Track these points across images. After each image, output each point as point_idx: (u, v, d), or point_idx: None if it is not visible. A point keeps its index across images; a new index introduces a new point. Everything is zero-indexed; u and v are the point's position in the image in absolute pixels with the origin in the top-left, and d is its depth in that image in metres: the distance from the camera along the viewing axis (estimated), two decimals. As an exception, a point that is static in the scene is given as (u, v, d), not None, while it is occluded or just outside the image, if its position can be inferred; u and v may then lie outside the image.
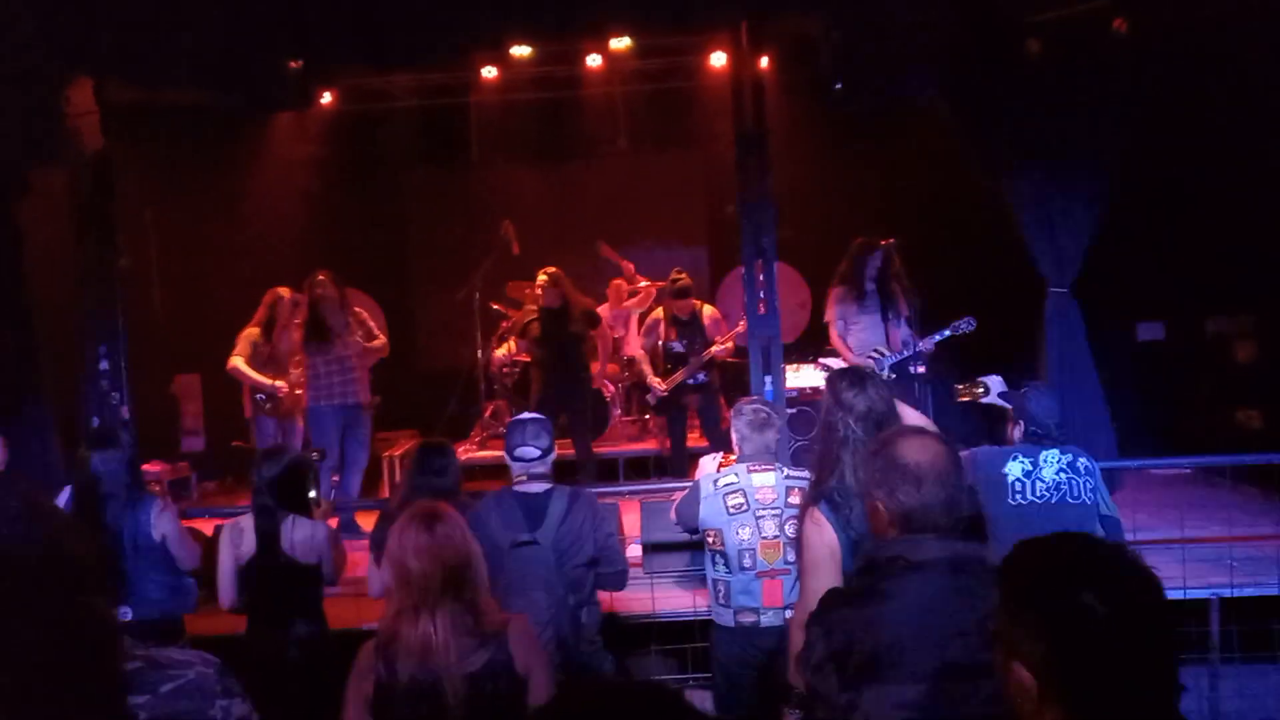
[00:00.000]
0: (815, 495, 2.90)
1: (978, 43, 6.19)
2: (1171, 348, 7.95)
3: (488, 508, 3.67)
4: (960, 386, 4.86)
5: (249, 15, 5.89)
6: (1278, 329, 7.22)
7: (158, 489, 4.93)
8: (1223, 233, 7.00)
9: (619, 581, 3.85)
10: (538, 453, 3.70)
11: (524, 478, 3.70)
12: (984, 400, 4.65)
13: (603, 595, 3.96)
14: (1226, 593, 4.71)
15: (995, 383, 4.62)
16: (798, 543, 2.95)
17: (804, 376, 3.73)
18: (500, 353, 7.46)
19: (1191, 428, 6.80)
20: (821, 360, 3.69)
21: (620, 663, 4.22)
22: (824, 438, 2.99)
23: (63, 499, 4.07)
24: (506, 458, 3.76)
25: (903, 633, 2.03)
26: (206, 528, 5.87)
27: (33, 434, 5.87)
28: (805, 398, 6.19)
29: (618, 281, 9.08)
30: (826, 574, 2.77)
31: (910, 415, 3.19)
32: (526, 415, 3.89)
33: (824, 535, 2.80)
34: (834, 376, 3.10)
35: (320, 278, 6.68)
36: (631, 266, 9.21)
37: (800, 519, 2.95)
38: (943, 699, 2.00)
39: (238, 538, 3.96)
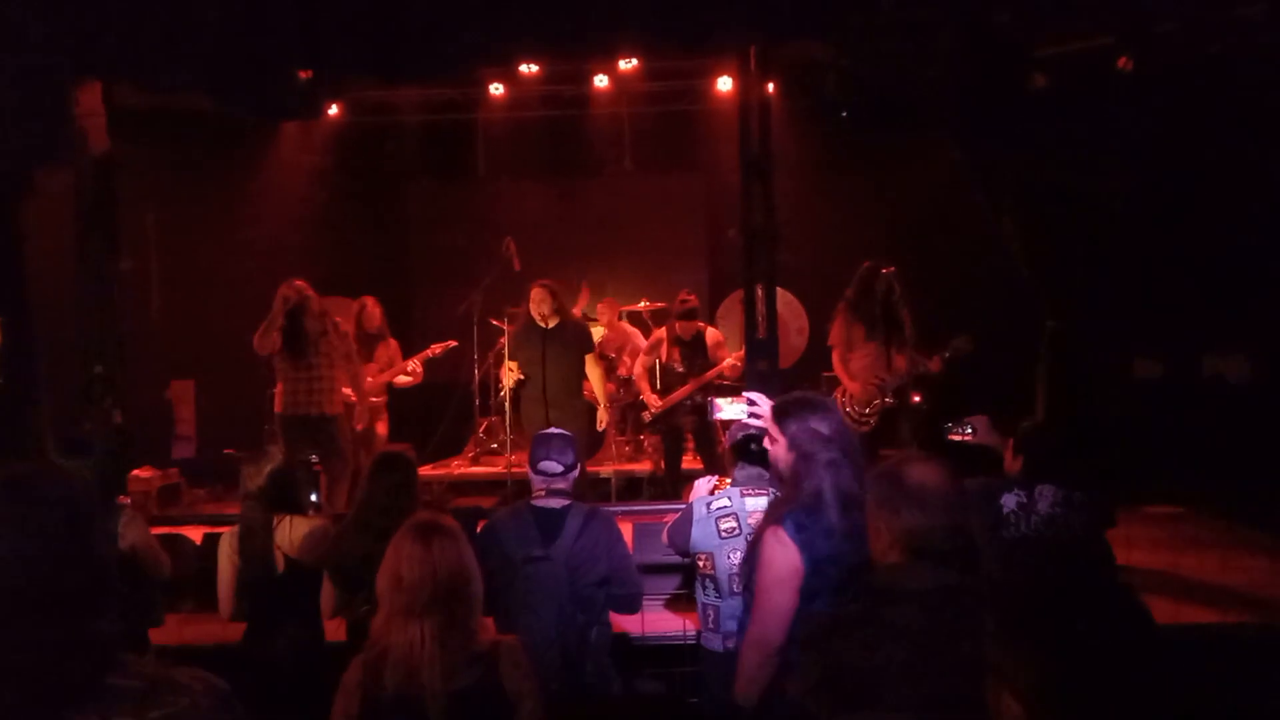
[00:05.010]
0: (779, 516, 2.89)
1: (983, 75, 6.22)
2: (1168, 384, 7.94)
3: (504, 520, 3.67)
4: (949, 426, 4.84)
5: (260, 24, 5.92)
6: (1276, 367, 7.22)
7: (125, 499, 4.86)
8: (1223, 270, 7.02)
9: (632, 604, 3.81)
10: (561, 468, 3.69)
11: (543, 492, 3.69)
12: (973, 441, 4.63)
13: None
14: (1221, 631, 4.69)
15: (983, 424, 4.60)
16: (754, 562, 2.94)
17: (736, 409, 3.72)
18: (508, 383, 7.36)
19: (1187, 465, 6.78)
20: (747, 394, 3.69)
21: (627, 684, 4.18)
22: (795, 463, 2.97)
23: None
24: (529, 471, 3.75)
25: (893, 660, 2.04)
26: (195, 535, 5.85)
27: (28, 439, 5.84)
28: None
29: (609, 302, 9.08)
30: (788, 592, 2.78)
31: None
32: (552, 430, 3.86)
33: (788, 555, 2.80)
34: (795, 404, 3.06)
35: (297, 284, 6.60)
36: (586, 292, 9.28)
37: (759, 538, 2.94)
38: None
39: (238, 545, 3.90)
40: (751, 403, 3.56)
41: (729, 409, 3.96)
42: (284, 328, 6.54)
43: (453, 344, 8.08)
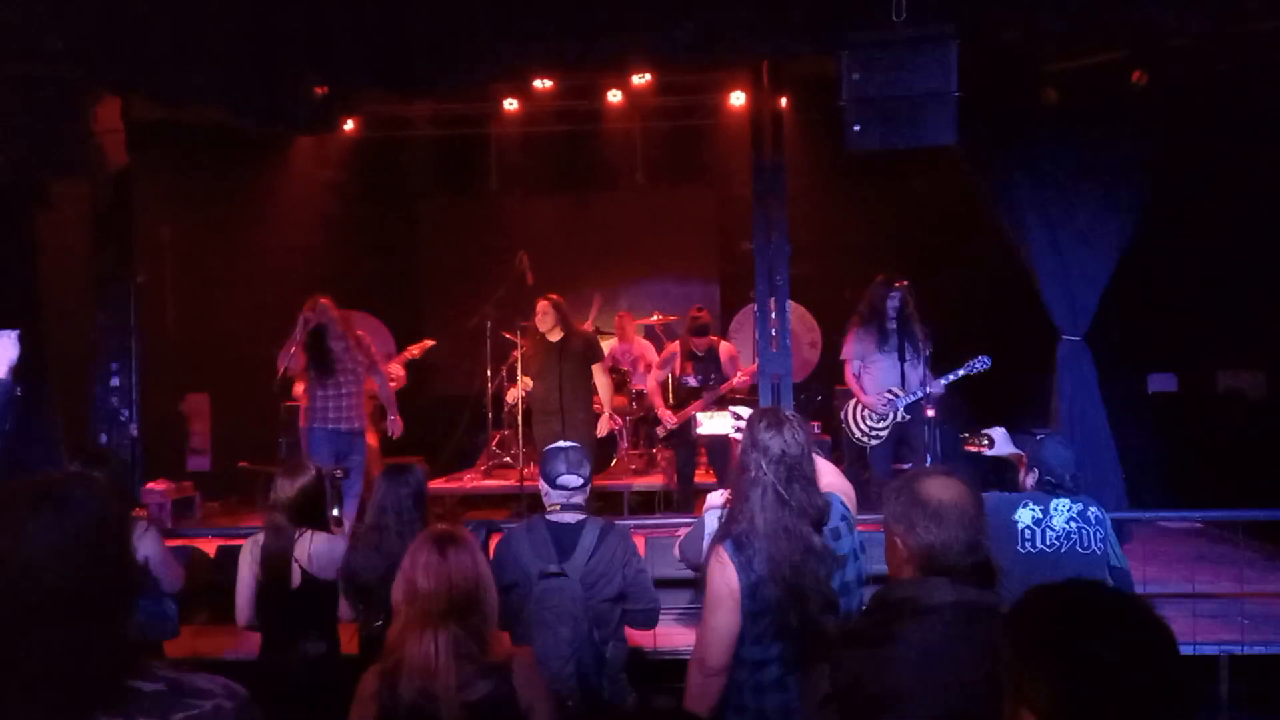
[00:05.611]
0: (722, 534, 2.89)
1: (996, 90, 6.21)
2: (1183, 399, 7.91)
3: (519, 535, 3.61)
4: (965, 436, 4.83)
5: (276, 38, 5.96)
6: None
7: (140, 512, 4.86)
8: (1237, 285, 6.99)
9: (649, 619, 3.75)
10: (580, 481, 3.62)
11: (557, 507, 3.63)
12: (989, 453, 4.62)
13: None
14: (1237, 650, 4.65)
15: (1000, 435, 4.59)
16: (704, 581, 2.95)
17: (716, 424, 3.69)
18: (512, 396, 7.34)
19: (1202, 481, 6.74)
20: (733, 408, 3.69)
21: (644, 700, 4.15)
22: (737, 478, 2.96)
23: None
24: (543, 485, 3.67)
25: (908, 677, 2.01)
26: (209, 548, 5.87)
27: (41, 448, 5.87)
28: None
29: (624, 315, 9.09)
30: (725, 613, 2.79)
31: (825, 467, 3.16)
32: (564, 443, 3.79)
33: (726, 575, 2.80)
34: (754, 417, 3.05)
35: (322, 301, 6.63)
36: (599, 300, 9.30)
37: (705, 557, 2.94)
38: None
39: (259, 554, 3.90)
40: (738, 416, 3.55)
41: (709, 423, 3.96)
42: (309, 346, 6.56)
43: (430, 343, 8.09)
